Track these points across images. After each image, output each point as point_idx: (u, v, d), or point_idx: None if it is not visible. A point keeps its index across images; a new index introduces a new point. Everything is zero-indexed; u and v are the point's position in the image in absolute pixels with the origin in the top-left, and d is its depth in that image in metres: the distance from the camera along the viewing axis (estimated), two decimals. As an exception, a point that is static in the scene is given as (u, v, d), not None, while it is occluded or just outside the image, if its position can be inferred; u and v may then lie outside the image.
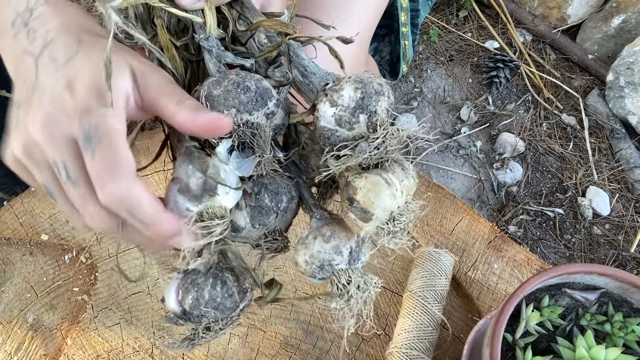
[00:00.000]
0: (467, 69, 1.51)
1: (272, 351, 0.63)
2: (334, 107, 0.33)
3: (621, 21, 1.39)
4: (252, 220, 0.36)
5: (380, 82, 0.34)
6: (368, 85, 0.33)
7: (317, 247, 0.35)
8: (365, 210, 0.32)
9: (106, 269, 0.69)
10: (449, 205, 0.70)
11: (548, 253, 1.24)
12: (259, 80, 0.35)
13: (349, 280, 0.35)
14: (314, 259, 0.35)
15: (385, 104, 0.34)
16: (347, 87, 0.33)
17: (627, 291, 0.47)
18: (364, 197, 0.32)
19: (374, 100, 0.33)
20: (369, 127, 0.33)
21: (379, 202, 0.32)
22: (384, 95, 0.34)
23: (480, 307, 0.63)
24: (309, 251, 0.35)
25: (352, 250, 0.36)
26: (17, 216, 0.71)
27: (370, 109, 0.33)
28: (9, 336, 0.65)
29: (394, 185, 0.32)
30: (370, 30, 0.70)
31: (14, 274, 0.69)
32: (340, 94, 0.33)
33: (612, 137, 1.38)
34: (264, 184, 0.36)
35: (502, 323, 0.42)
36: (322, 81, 0.36)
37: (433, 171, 1.36)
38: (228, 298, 0.36)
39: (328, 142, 0.34)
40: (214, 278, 0.36)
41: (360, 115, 0.33)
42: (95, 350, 0.64)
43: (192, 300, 0.36)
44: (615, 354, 0.43)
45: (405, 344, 0.56)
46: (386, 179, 0.32)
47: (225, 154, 0.34)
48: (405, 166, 0.36)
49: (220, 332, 0.37)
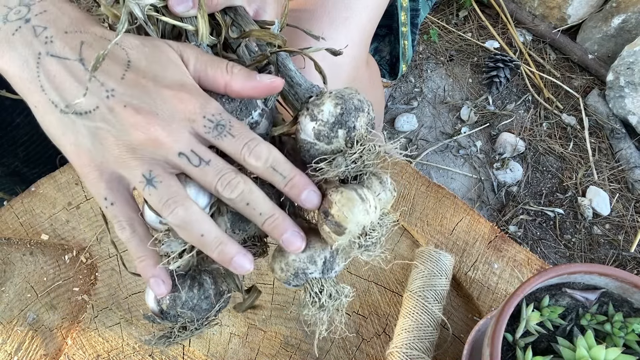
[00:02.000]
0: (467, 69, 1.51)
1: (272, 351, 0.63)
2: (314, 121, 0.35)
3: (621, 21, 1.39)
4: (232, 226, 0.37)
5: (360, 99, 0.35)
6: (348, 102, 0.34)
7: (292, 255, 0.37)
8: (338, 224, 0.34)
9: (106, 269, 0.69)
10: (449, 205, 0.70)
11: (548, 253, 1.24)
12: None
13: (321, 289, 0.37)
14: (289, 267, 0.37)
15: (365, 119, 0.35)
16: (328, 102, 0.34)
17: (627, 291, 0.47)
18: (338, 211, 0.33)
19: (353, 117, 0.34)
20: (347, 142, 0.35)
21: (352, 217, 0.33)
22: (364, 111, 0.35)
23: (481, 307, 0.63)
24: (284, 259, 0.37)
25: (327, 261, 0.37)
26: (17, 216, 0.71)
27: (349, 124, 0.34)
28: (9, 336, 0.65)
29: (367, 202, 0.34)
30: (371, 30, 0.70)
31: (14, 274, 0.69)
32: (320, 108, 0.35)
33: (612, 137, 1.38)
34: None
35: (503, 323, 0.42)
36: (306, 93, 0.37)
37: (433, 171, 1.36)
38: (204, 300, 0.38)
39: (307, 154, 0.36)
40: (191, 280, 0.38)
41: (339, 130, 0.34)
42: (96, 350, 0.64)
43: (169, 301, 0.37)
44: (615, 354, 0.43)
45: (405, 343, 0.56)
46: (361, 195, 0.34)
47: None
48: (383, 180, 0.37)
49: (196, 332, 0.38)
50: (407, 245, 0.68)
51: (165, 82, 0.33)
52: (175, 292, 0.37)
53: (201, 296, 0.38)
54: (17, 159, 0.86)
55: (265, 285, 0.65)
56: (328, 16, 0.63)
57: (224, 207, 0.37)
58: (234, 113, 0.35)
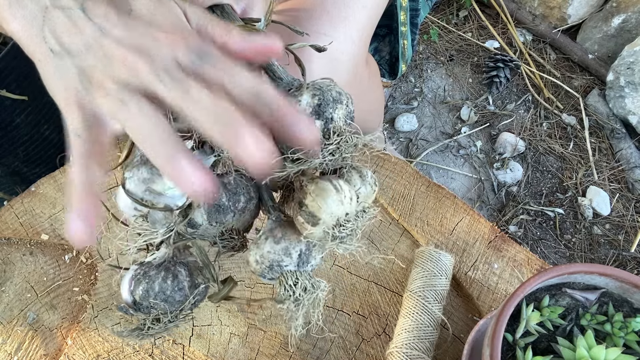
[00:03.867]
0: (467, 68, 1.51)
1: (272, 351, 0.63)
2: None
3: (621, 21, 1.39)
4: (209, 218, 0.36)
5: (339, 91, 0.35)
6: (326, 93, 0.34)
7: (267, 247, 0.36)
8: (312, 214, 0.33)
9: (106, 269, 0.69)
10: (449, 205, 0.70)
11: (548, 253, 1.24)
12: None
13: (295, 282, 0.36)
14: (264, 259, 0.36)
15: (343, 111, 0.35)
16: (306, 93, 0.34)
17: (627, 291, 0.47)
18: (312, 201, 0.33)
19: (331, 108, 0.34)
20: (325, 133, 0.34)
21: (326, 207, 0.33)
22: (342, 103, 0.35)
23: (481, 307, 0.63)
24: (259, 251, 0.36)
25: (302, 253, 0.37)
26: (17, 216, 0.71)
27: (326, 115, 0.34)
28: (9, 336, 0.65)
29: (342, 192, 0.33)
30: (370, 29, 0.70)
31: (14, 273, 0.69)
32: (298, 99, 0.34)
33: (612, 137, 1.37)
34: (222, 183, 0.37)
35: (503, 323, 0.42)
36: (287, 87, 0.37)
37: (433, 171, 1.36)
38: (178, 291, 0.37)
39: (285, 145, 0.34)
40: (165, 271, 0.37)
41: (316, 121, 0.34)
42: (96, 350, 0.64)
43: (142, 292, 0.37)
44: (615, 354, 0.43)
45: (405, 344, 0.56)
46: (335, 186, 0.33)
47: None
48: (363, 174, 0.37)
49: (170, 324, 0.38)
50: (407, 245, 0.68)
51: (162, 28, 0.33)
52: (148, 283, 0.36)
53: (175, 287, 0.37)
54: (17, 159, 0.86)
55: (266, 285, 0.65)
56: (327, 15, 0.63)
57: None
58: None
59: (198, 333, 0.64)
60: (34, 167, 0.91)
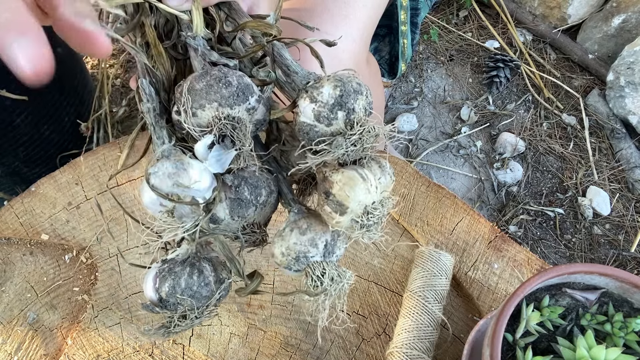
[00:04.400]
0: (468, 68, 1.51)
1: (272, 351, 0.63)
2: (314, 103, 0.34)
3: (621, 21, 1.39)
4: (231, 213, 0.37)
5: (359, 82, 0.35)
6: (347, 84, 0.34)
7: (293, 239, 0.36)
8: (340, 204, 0.33)
9: (106, 269, 0.69)
10: (449, 205, 0.70)
11: (548, 253, 1.24)
12: (241, 76, 0.36)
13: (323, 272, 0.36)
14: (290, 250, 0.36)
15: (364, 102, 0.35)
16: (327, 84, 0.34)
17: (627, 291, 0.47)
18: (339, 190, 0.33)
19: (352, 99, 0.34)
20: (347, 124, 0.34)
21: (354, 195, 0.33)
22: (362, 94, 0.35)
23: (481, 307, 0.63)
24: (285, 243, 0.36)
25: (327, 244, 0.37)
26: (17, 216, 0.71)
27: (348, 106, 0.34)
28: (9, 336, 0.65)
29: (369, 181, 0.34)
30: (371, 27, 0.70)
31: (14, 273, 0.69)
32: (320, 90, 0.34)
33: (612, 137, 1.37)
34: (244, 177, 0.37)
35: (503, 323, 0.42)
36: (303, 80, 0.37)
37: (433, 171, 1.36)
38: (204, 287, 0.37)
39: (307, 137, 0.35)
40: (191, 267, 0.37)
41: (338, 112, 0.34)
42: (96, 350, 0.64)
43: (168, 288, 0.36)
44: (615, 354, 0.43)
45: (405, 344, 0.56)
46: (362, 174, 0.34)
47: (203, 150, 0.35)
48: (382, 164, 0.36)
49: (196, 320, 0.37)
50: (407, 245, 0.68)
51: None
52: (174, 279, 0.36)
53: (201, 283, 0.37)
54: (17, 159, 0.86)
55: (266, 286, 0.65)
56: (328, 14, 0.63)
57: (222, 194, 0.36)
58: (231, 98, 0.35)
59: (198, 333, 0.64)
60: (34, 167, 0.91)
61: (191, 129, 0.35)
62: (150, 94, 0.38)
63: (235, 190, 0.36)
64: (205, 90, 0.34)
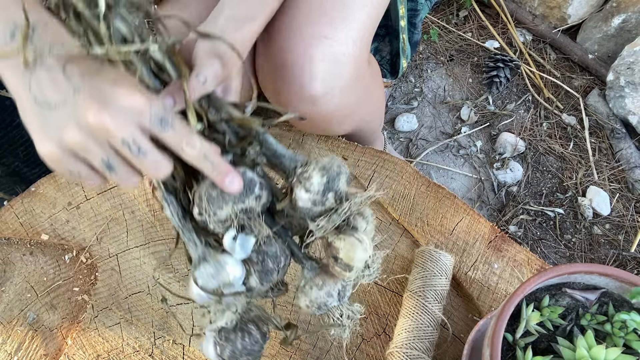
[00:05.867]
0: (467, 68, 1.51)
1: (272, 351, 0.63)
2: (308, 192, 0.44)
3: (621, 21, 1.39)
4: (260, 281, 0.47)
5: (338, 164, 0.44)
6: (330, 171, 0.43)
7: (313, 294, 0.47)
8: (347, 265, 0.44)
9: (106, 269, 0.69)
10: (449, 205, 0.70)
11: (548, 253, 1.24)
12: (244, 173, 0.44)
13: (341, 314, 0.48)
14: (313, 302, 0.47)
15: (344, 179, 0.44)
16: (315, 175, 0.43)
17: (627, 291, 0.47)
18: (345, 255, 0.44)
19: (336, 181, 0.43)
20: (336, 200, 0.44)
21: (357, 257, 0.44)
22: (342, 174, 0.44)
23: (481, 307, 0.63)
24: (307, 298, 0.47)
25: (340, 292, 0.48)
26: (17, 216, 0.71)
27: (335, 188, 0.44)
28: (9, 336, 0.65)
29: (364, 242, 0.44)
30: (372, 28, 0.70)
31: (14, 273, 0.69)
32: (310, 182, 0.44)
33: (612, 137, 1.37)
34: (265, 252, 0.47)
35: (503, 323, 0.42)
36: (292, 163, 0.46)
37: (433, 171, 1.36)
38: (255, 344, 0.47)
39: (307, 216, 0.45)
40: (241, 332, 0.47)
41: (328, 195, 0.44)
42: (96, 350, 0.64)
43: (229, 353, 0.46)
44: (615, 354, 0.43)
45: (405, 343, 0.56)
46: (359, 239, 0.44)
47: (230, 242, 0.45)
48: (365, 214, 0.45)
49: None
50: (407, 245, 0.68)
51: (122, 82, 0.40)
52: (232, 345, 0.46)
53: (252, 342, 0.47)
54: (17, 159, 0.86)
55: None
56: (326, 17, 0.63)
57: (251, 268, 0.46)
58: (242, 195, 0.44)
59: (198, 333, 0.64)
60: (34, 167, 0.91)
61: (216, 227, 0.45)
62: (171, 202, 0.47)
63: (262, 264, 0.46)
64: (220, 195, 0.43)
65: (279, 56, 0.63)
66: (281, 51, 0.63)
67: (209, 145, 0.42)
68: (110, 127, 0.39)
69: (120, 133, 0.39)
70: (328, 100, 0.66)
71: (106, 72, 0.41)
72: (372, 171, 0.73)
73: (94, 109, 0.39)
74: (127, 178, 0.42)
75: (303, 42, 0.62)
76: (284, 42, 0.63)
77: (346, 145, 0.76)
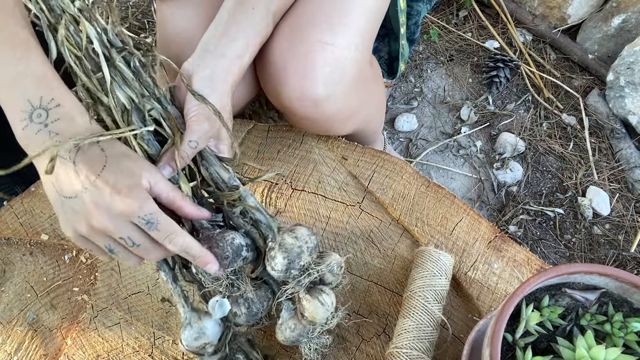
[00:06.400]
0: (467, 68, 1.51)
1: (272, 351, 0.63)
2: (274, 270, 0.55)
3: (621, 21, 1.39)
4: (246, 320, 0.58)
5: (299, 245, 0.54)
6: (291, 253, 0.54)
7: (288, 334, 0.58)
8: (311, 321, 0.56)
9: (106, 269, 0.69)
10: (449, 205, 0.70)
11: (548, 253, 1.24)
12: (231, 243, 0.54)
13: (310, 347, 0.59)
14: (288, 339, 0.58)
15: (307, 255, 0.55)
16: (278, 256, 0.54)
17: (627, 291, 0.47)
18: (309, 314, 0.55)
19: (298, 259, 0.54)
20: (301, 272, 0.55)
21: (319, 317, 0.55)
22: (304, 252, 0.55)
23: (480, 307, 0.63)
24: (284, 334, 0.58)
25: (310, 332, 0.58)
26: (17, 216, 0.71)
27: (297, 265, 0.54)
28: (9, 336, 0.65)
29: (326, 305, 0.56)
30: (372, 32, 0.70)
31: (14, 274, 0.69)
32: (275, 262, 0.54)
33: (612, 137, 1.38)
34: (251, 299, 0.58)
35: (502, 323, 0.42)
36: (265, 231, 0.57)
37: (433, 171, 1.36)
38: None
39: (278, 282, 0.58)
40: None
41: (291, 271, 0.55)
42: (95, 350, 0.64)
43: None
44: (615, 354, 0.43)
45: (405, 344, 0.56)
46: (321, 301, 0.56)
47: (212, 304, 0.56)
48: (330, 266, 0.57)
49: None
50: (407, 245, 0.68)
51: (119, 187, 0.47)
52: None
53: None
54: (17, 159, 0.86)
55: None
56: (327, 22, 0.63)
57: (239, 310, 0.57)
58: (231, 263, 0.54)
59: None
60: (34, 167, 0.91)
61: (210, 284, 0.55)
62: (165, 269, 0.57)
63: (248, 308, 0.58)
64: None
65: (280, 60, 0.63)
66: (283, 56, 0.63)
67: (189, 238, 0.51)
68: (110, 228, 0.48)
69: (118, 233, 0.48)
70: (330, 103, 0.66)
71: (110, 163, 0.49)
72: (372, 171, 0.73)
73: (96, 214, 0.48)
74: (127, 259, 0.52)
75: (305, 47, 0.62)
76: (285, 47, 0.63)
77: (346, 145, 0.76)
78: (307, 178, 0.73)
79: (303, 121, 0.70)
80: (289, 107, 0.66)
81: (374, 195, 0.71)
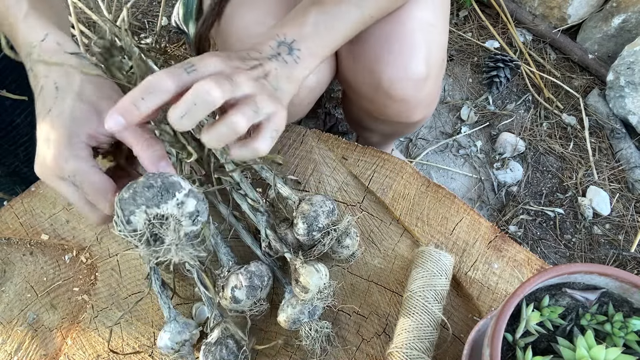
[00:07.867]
0: (467, 68, 1.51)
1: (272, 351, 0.63)
2: (299, 235, 0.58)
3: (621, 21, 1.39)
4: (247, 295, 0.57)
5: (315, 209, 0.58)
6: (308, 217, 0.58)
7: (289, 311, 0.58)
8: (304, 287, 0.56)
9: (106, 269, 0.69)
10: (449, 205, 0.70)
11: (548, 253, 1.24)
12: (166, 177, 0.41)
13: (310, 328, 0.58)
14: (289, 318, 0.58)
15: (324, 218, 0.58)
16: (299, 222, 0.58)
17: (627, 291, 0.47)
18: (304, 280, 0.56)
19: (315, 222, 0.58)
20: (323, 235, 0.58)
21: (312, 282, 0.56)
22: (320, 215, 0.58)
23: (481, 307, 0.63)
24: (285, 314, 0.58)
25: (310, 311, 0.59)
26: (17, 216, 0.71)
27: (317, 227, 0.58)
28: (9, 336, 0.65)
29: (321, 272, 0.57)
30: None
31: (14, 274, 0.69)
32: (298, 227, 0.58)
33: (612, 136, 1.38)
34: (253, 272, 0.58)
35: (503, 323, 0.42)
36: (292, 202, 0.61)
37: (433, 171, 1.36)
38: (231, 355, 0.56)
39: (305, 243, 0.60)
40: (221, 345, 0.56)
41: (313, 233, 0.58)
42: (96, 350, 0.64)
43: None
44: (615, 354, 0.43)
45: (405, 344, 0.56)
46: (316, 269, 0.56)
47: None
48: (350, 234, 0.61)
49: None
50: (407, 245, 0.68)
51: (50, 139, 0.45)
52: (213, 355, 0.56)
53: (229, 353, 0.56)
54: (17, 159, 0.86)
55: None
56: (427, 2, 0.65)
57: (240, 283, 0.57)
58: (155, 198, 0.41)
59: (198, 333, 0.64)
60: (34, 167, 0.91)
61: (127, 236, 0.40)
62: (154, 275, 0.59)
63: (249, 280, 0.57)
64: (132, 197, 0.40)
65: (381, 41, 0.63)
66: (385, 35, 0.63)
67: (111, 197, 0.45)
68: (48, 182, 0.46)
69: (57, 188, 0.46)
70: (427, 84, 0.67)
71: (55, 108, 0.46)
72: (372, 171, 0.73)
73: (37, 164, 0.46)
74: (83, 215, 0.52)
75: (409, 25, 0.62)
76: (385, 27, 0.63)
77: (346, 145, 0.76)
78: (308, 178, 0.74)
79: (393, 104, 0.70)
80: (386, 88, 0.66)
81: (374, 195, 0.71)
